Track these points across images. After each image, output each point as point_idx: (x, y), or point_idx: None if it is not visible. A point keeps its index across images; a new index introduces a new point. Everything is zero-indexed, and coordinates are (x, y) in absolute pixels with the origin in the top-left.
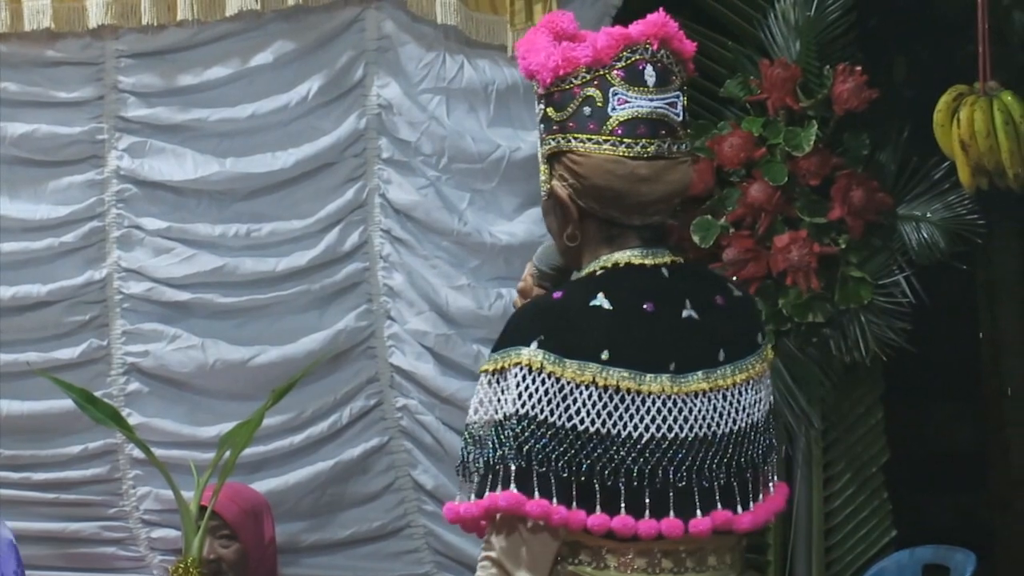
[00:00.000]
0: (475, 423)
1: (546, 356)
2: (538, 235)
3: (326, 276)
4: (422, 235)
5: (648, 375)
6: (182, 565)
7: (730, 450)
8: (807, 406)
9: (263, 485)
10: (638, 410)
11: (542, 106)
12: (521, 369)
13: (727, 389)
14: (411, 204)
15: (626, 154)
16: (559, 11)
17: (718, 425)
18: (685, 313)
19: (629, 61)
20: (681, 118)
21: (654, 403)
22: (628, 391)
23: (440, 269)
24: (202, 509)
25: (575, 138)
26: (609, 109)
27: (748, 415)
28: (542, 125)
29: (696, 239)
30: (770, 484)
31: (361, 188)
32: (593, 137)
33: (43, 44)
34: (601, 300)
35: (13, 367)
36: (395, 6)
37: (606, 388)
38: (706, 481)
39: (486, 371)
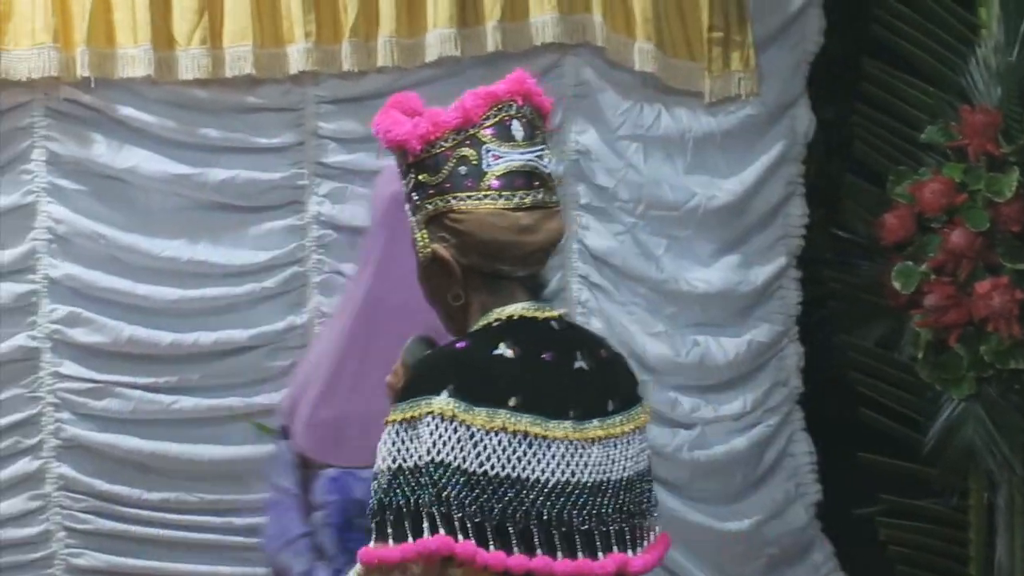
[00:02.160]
0: (384, 471)
1: (457, 404)
2: (735, 282)
3: None
4: (619, 281)
5: (552, 421)
6: None
7: (621, 496)
8: (1009, 453)
9: None
10: (544, 455)
11: (413, 174)
12: (433, 418)
13: (618, 438)
14: (608, 250)
15: (506, 206)
16: (405, 93)
17: (611, 471)
18: (576, 364)
19: (497, 118)
20: (549, 170)
21: (559, 448)
22: (535, 436)
23: (637, 315)
24: None
25: (454, 197)
26: (484, 166)
27: (635, 463)
28: (415, 193)
29: (897, 285)
30: (653, 533)
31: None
32: (473, 194)
33: (244, 90)
34: (504, 349)
35: (215, 412)
36: (593, 53)
37: (515, 434)
38: (604, 525)
39: (394, 421)
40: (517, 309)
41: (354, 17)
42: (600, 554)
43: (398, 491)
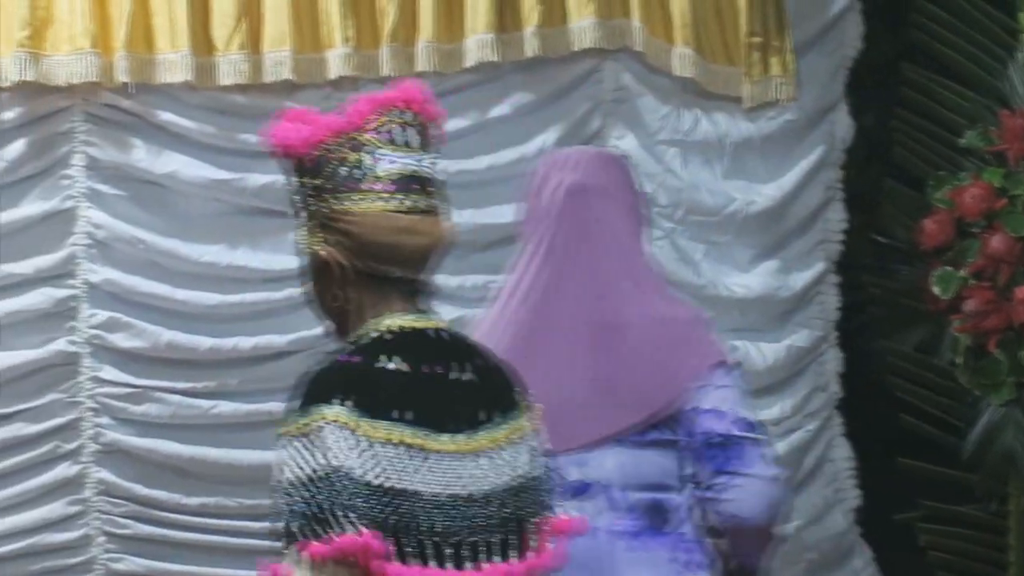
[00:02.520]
0: (295, 482)
1: (349, 415)
2: (774, 288)
3: None
4: None
5: (442, 435)
6: None
7: (508, 504)
8: None
9: None
10: (431, 468)
11: (299, 178)
12: (330, 425)
13: (494, 448)
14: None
15: (399, 208)
16: (303, 108)
17: (497, 481)
18: (455, 375)
19: (388, 124)
20: (437, 176)
21: (449, 461)
22: (427, 450)
23: None
24: None
25: (348, 199)
26: (378, 169)
27: (513, 471)
28: (302, 195)
29: (937, 291)
30: (534, 541)
31: None
32: (366, 196)
33: (283, 95)
34: (394, 362)
35: (255, 417)
36: (632, 58)
37: (408, 447)
38: (490, 535)
39: (288, 433)
40: (406, 320)
41: (393, 22)
42: (485, 565)
43: (312, 500)
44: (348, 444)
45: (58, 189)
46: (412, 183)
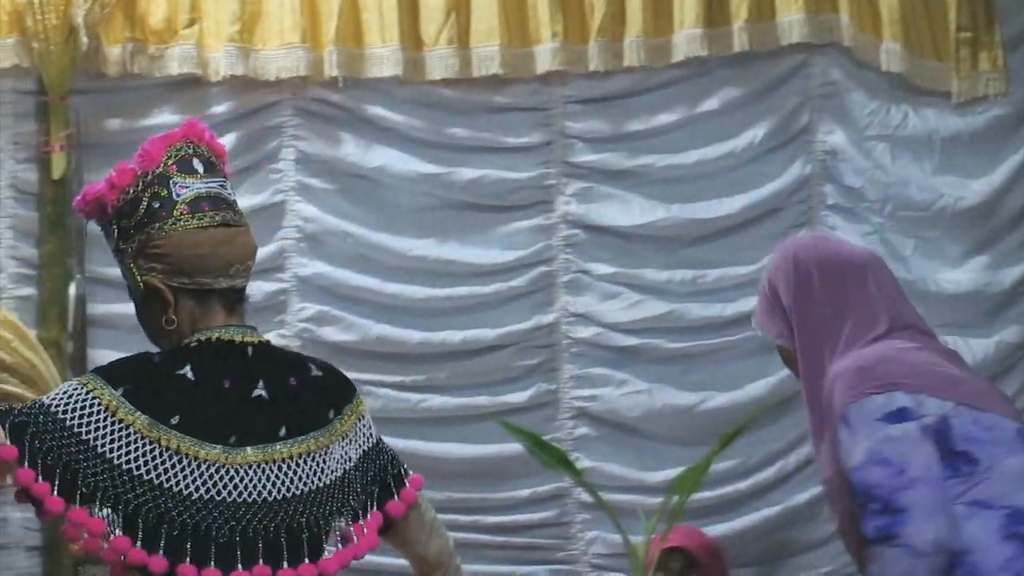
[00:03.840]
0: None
1: (122, 403)
2: (983, 283)
3: None
4: None
5: (208, 445)
6: None
7: (280, 514)
8: None
9: (710, 531)
10: (191, 472)
11: (114, 226)
12: (101, 403)
13: (282, 461)
14: None
15: (198, 226)
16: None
17: (269, 492)
18: (256, 392)
19: (179, 156)
20: (233, 197)
21: (208, 468)
22: (186, 455)
23: None
24: (672, 551)
25: (152, 228)
26: (174, 196)
27: (305, 483)
28: (118, 239)
29: None
30: (325, 545)
31: None
32: (167, 221)
33: (492, 90)
34: (186, 370)
35: (463, 411)
36: (841, 53)
37: (167, 448)
38: (250, 540)
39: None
40: (221, 333)
41: (601, 17)
42: (239, 566)
43: (19, 410)
44: (102, 425)
45: (268, 183)
46: (203, 203)
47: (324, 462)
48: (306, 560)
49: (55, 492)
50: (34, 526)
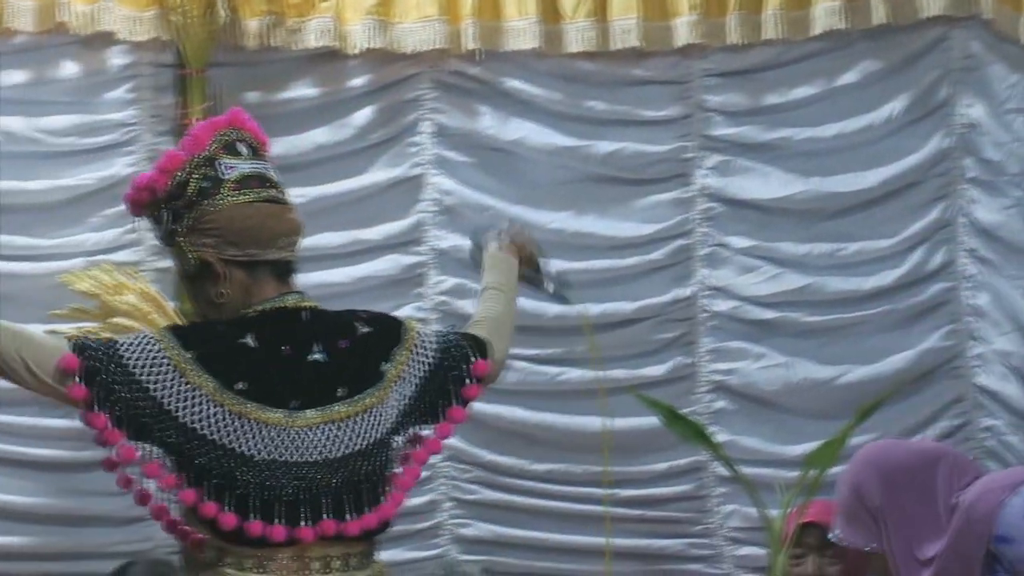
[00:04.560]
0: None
1: (193, 366)
2: None
3: (911, 296)
4: (1008, 255)
5: (269, 408)
6: None
7: (341, 470)
8: None
9: None
10: (256, 435)
11: (164, 208)
12: (171, 362)
13: (341, 421)
14: (996, 224)
15: (247, 200)
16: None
17: (330, 451)
18: (312, 356)
19: (224, 141)
20: (278, 179)
21: (271, 431)
22: (250, 418)
23: None
24: (804, 527)
25: (203, 205)
26: (222, 175)
27: (364, 438)
28: (170, 222)
29: None
30: (382, 494)
31: (946, 208)
32: (216, 198)
33: (630, 63)
34: (248, 339)
35: (601, 384)
36: (981, 25)
37: (231, 412)
38: (314, 496)
39: (155, 334)
40: (276, 302)
41: None
42: (305, 522)
43: (98, 343)
44: (171, 381)
45: (406, 156)
46: (251, 181)
47: (381, 414)
48: (367, 509)
49: (126, 439)
50: (174, 497)
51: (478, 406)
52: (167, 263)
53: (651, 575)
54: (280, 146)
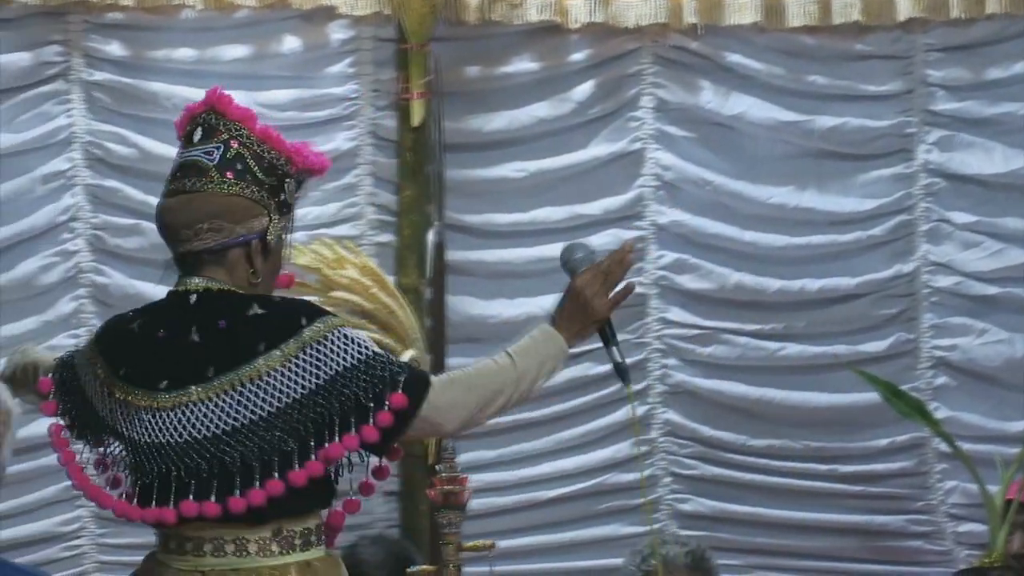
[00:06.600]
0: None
1: (99, 359)
2: None
3: None
4: None
5: (139, 389)
6: (987, 560)
7: (211, 449)
8: None
9: None
10: (132, 418)
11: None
12: (93, 359)
13: (208, 400)
14: None
15: (162, 195)
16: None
17: (197, 430)
18: (191, 338)
19: (188, 130)
20: (217, 161)
21: (142, 413)
22: (128, 402)
23: None
24: (1008, 503)
25: None
26: (171, 170)
27: (234, 418)
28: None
29: None
30: (258, 479)
31: None
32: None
33: (852, 37)
34: (135, 325)
35: (821, 359)
36: None
37: (117, 398)
38: (180, 477)
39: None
40: (174, 287)
41: None
42: (169, 504)
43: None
44: (90, 374)
45: (626, 131)
46: (176, 173)
47: (257, 395)
48: (237, 493)
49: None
50: (393, 471)
51: (697, 381)
52: (387, 237)
53: (872, 551)
54: (500, 120)
